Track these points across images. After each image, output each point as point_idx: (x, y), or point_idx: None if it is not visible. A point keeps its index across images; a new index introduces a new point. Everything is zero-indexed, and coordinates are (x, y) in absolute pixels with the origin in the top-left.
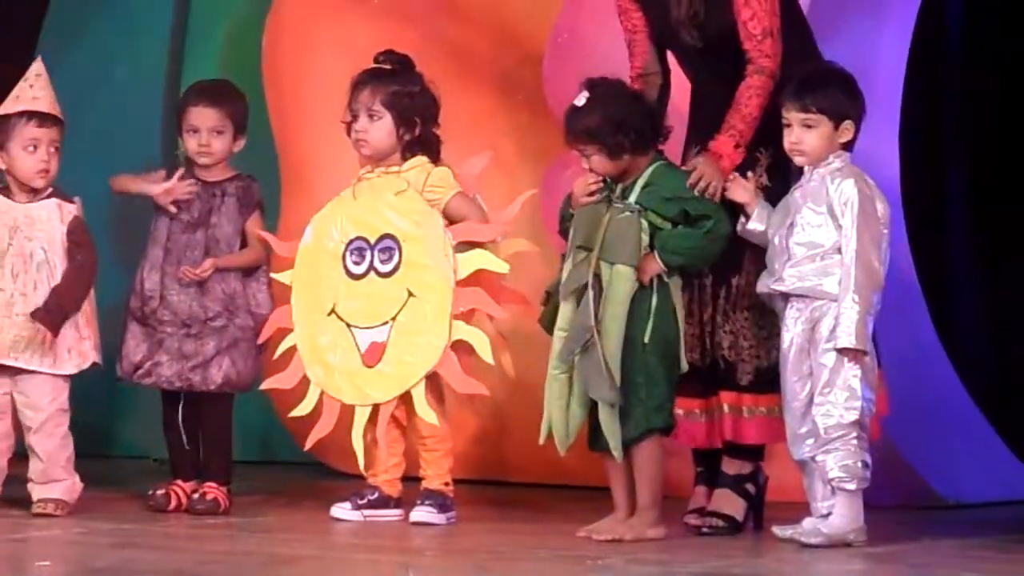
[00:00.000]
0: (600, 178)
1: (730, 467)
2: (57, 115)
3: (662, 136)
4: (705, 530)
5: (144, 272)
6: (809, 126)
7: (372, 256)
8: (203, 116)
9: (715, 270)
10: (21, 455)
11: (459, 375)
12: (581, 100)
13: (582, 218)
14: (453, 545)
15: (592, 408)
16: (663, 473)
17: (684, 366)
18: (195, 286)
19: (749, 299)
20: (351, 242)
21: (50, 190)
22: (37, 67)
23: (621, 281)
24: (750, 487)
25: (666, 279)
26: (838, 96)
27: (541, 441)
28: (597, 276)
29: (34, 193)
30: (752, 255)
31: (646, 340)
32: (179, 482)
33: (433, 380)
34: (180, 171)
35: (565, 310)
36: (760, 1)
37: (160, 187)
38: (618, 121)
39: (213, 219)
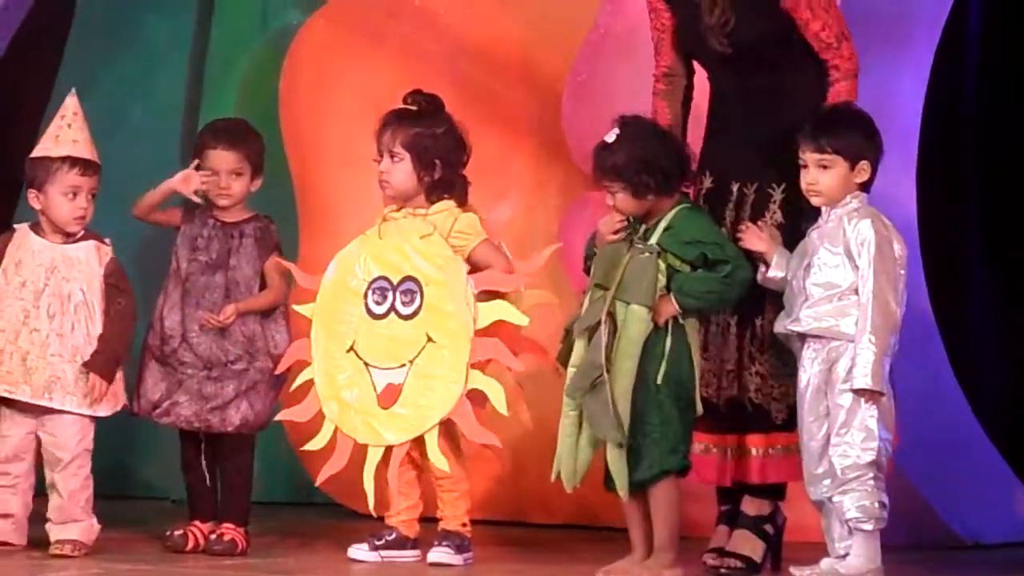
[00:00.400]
0: (625, 217)
1: (750, 507)
2: (97, 161)
3: (688, 178)
4: (723, 571)
5: (164, 310)
6: (825, 167)
7: (394, 297)
8: (221, 159)
9: (739, 311)
10: (38, 494)
11: (473, 424)
12: (611, 137)
13: (603, 257)
14: None
15: (606, 447)
16: (679, 514)
17: (699, 409)
18: (216, 329)
19: (772, 340)
20: (373, 281)
21: (82, 231)
22: (73, 104)
23: (635, 321)
24: (769, 528)
25: (681, 321)
26: (854, 136)
27: (553, 478)
28: (611, 315)
29: (68, 235)
30: (772, 297)
31: (659, 381)
32: (197, 523)
33: (448, 425)
34: (195, 162)
35: (578, 347)
36: (826, 9)
37: (178, 176)
38: (646, 161)
39: (232, 261)
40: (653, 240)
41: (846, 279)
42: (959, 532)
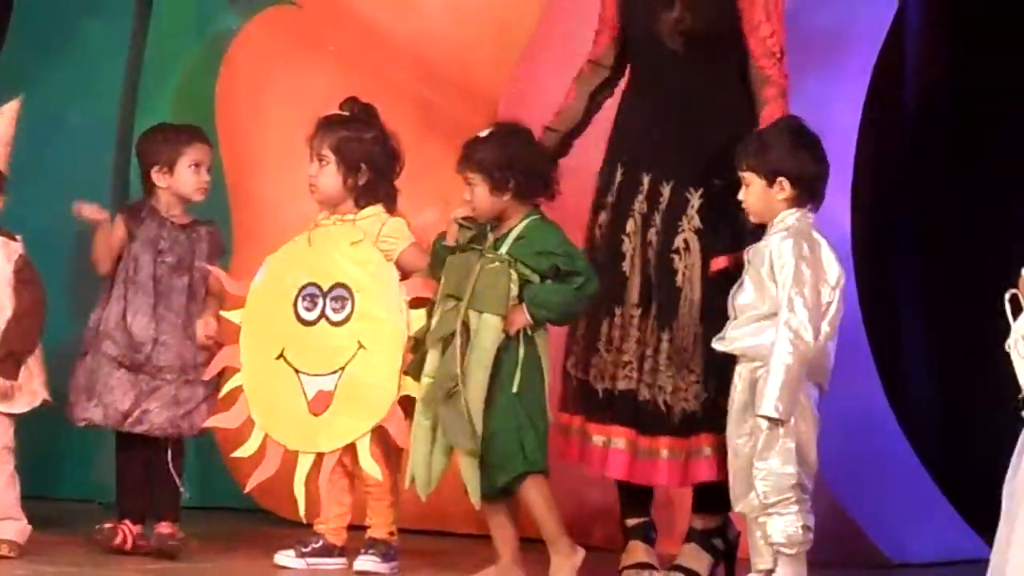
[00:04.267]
0: (472, 214)
1: (697, 521)
2: None
3: (549, 192)
4: None
5: (128, 317)
6: (746, 184)
7: (324, 304)
8: (204, 152)
9: (655, 315)
10: None
11: (404, 431)
12: (484, 133)
13: (453, 267)
14: None
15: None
16: (554, 507)
17: (550, 417)
18: (184, 332)
19: (684, 345)
20: (303, 288)
21: None
22: (7, 105)
23: (488, 330)
24: (718, 542)
25: (531, 332)
26: (770, 152)
27: (405, 487)
28: (465, 324)
29: None
30: (687, 303)
31: (515, 390)
32: (127, 522)
33: (380, 432)
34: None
35: (432, 357)
36: (779, 19)
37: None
38: (511, 158)
39: (196, 263)
40: (503, 250)
41: (766, 301)
42: (886, 551)
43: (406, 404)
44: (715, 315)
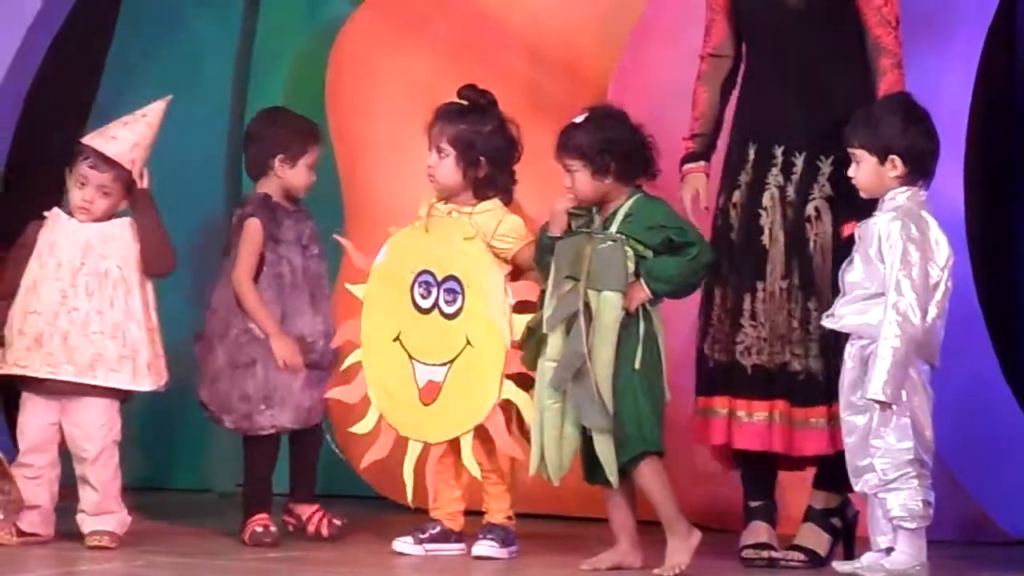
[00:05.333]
0: (579, 204)
1: (817, 500)
2: (118, 162)
3: (650, 172)
4: (784, 563)
5: (294, 320)
6: (857, 161)
7: (438, 293)
8: (318, 154)
9: (803, 285)
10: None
11: (503, 435)
12: (579, 119)
13: (564, 250)
14: None
15: (586, 441)
16: (671, 488)
17: (668, 395)
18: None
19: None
20: (420, 274)
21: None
22: (154, 108)
23: (609, 308)
24: (836, 521)
25: (649, 307)
26: (880, 129)
27: (531, 472)
28: (586, 305)
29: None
30: (820, 272)
31: (636, 366)
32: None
33: (483, 429)
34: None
35: (554, 340)
36: None
37: None
38: (609, 142)
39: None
40: (613, 229)
41: (873, 280)
42: (1005, 527)
43: (505, 407)
44: None
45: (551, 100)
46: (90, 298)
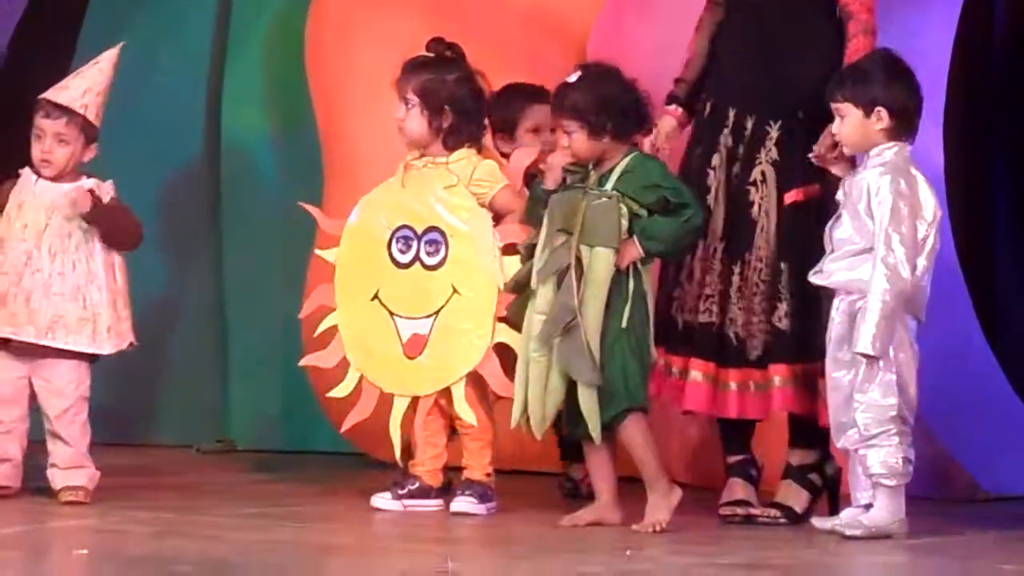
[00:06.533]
0: (574, 162)
1: (794, 457)
2: (69, 108)
3: (646, 127)
4: (761, 520)
5: None
6: (841, 115)
7: (419, 247)
8: None
9: (729, 247)
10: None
11: (499, 377)
12: (573, 78)
13: (559, 204)
14: (493, 535)
15: (570, 395)
16: (654, 445)
17: (654, 354)
18: None
19: (760, 276)
20: (398, 230)
21: (83, 176)
22: (106, 55)
23: (601, 263)
24: (815, 477)
25: (640, 267)
26: (866, 83)
27: (513, 425)
28: (578, 259)
29: (60, 177)
30: (764, 235)
31: (624, 324)
32: None
33: (475, 376)
34: None
35: (544, 292)
36: None
37: None
38: (606, 101)
39: None
40: (608, 186)
41: (864, 235)
42: (983, 484)
43: (500, 351)
44: (790, 248)
45: (530, 59)
46: (53, 259)
